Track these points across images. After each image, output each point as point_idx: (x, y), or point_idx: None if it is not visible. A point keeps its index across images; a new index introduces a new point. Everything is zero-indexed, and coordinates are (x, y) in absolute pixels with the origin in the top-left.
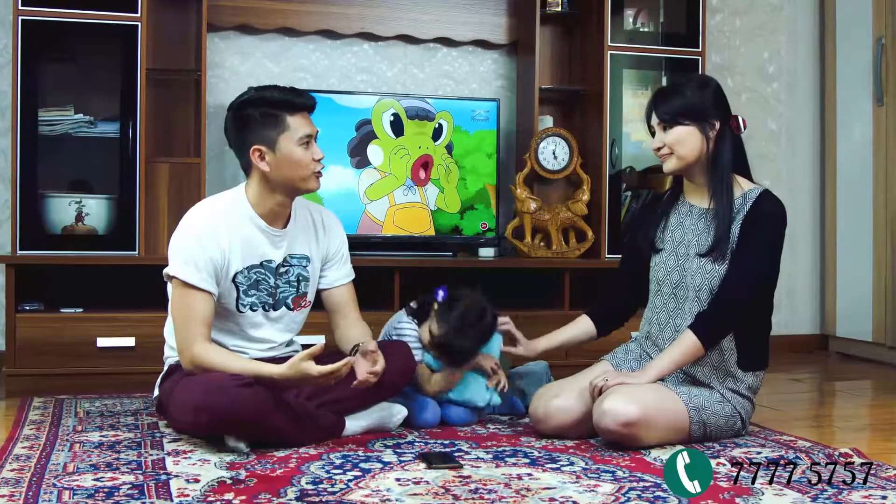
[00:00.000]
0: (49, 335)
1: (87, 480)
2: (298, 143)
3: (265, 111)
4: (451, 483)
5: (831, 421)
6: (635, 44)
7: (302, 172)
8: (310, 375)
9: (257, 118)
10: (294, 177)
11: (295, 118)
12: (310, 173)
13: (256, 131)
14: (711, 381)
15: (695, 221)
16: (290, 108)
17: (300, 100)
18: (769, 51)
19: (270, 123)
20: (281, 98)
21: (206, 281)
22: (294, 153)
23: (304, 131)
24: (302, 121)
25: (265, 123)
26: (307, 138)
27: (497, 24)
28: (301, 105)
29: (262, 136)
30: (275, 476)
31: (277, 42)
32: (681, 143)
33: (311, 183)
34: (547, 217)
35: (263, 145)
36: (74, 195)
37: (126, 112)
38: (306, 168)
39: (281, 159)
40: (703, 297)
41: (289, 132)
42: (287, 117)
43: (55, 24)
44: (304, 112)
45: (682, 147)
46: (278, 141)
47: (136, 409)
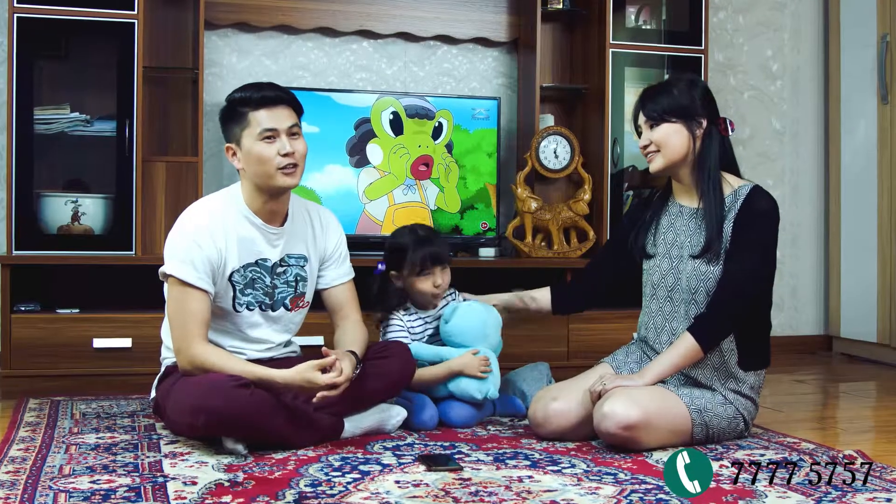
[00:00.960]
0: (45, 336)
1: (84, 483)
2: (259, 139)
3: (232, 108)
4: (451, 485)
5: (835, 423)
6: (637, 41)
7: (266, 168)
8: (316, 385)
9: (228, 116)
10: (260, 172)
11: (257, 113)
12: (274, 169)
13: (227, 130)
14: (713, 383)
15: (686, 222)
16: (251, 103)
17: (259, 94)
18: (772, 48)
19: (235, 121)
20: (242, 95)
21: (203, 280)
22: (253, 149)
23: (265, 125)
24: (266, 115)
25: (233, 121)
26: (269, 132)
27: (498, 21)
28: (261, 100)
29: (231, 134)
30: (273, 478)
31: (275, 40)
32: (667, 140)
33: (279, 179)
34: (548, 217)
35: (233, 143)
36: (70, 194)
37: (123, 110)
38: (269, 164)
39: (246, 156)
40: (699, 300)
41: (249, 128)
42: (249, 113)
43: (51, 22)
44: (271, 106)
45: (668, 145)
46: (242, 137)
47: (132, 411)
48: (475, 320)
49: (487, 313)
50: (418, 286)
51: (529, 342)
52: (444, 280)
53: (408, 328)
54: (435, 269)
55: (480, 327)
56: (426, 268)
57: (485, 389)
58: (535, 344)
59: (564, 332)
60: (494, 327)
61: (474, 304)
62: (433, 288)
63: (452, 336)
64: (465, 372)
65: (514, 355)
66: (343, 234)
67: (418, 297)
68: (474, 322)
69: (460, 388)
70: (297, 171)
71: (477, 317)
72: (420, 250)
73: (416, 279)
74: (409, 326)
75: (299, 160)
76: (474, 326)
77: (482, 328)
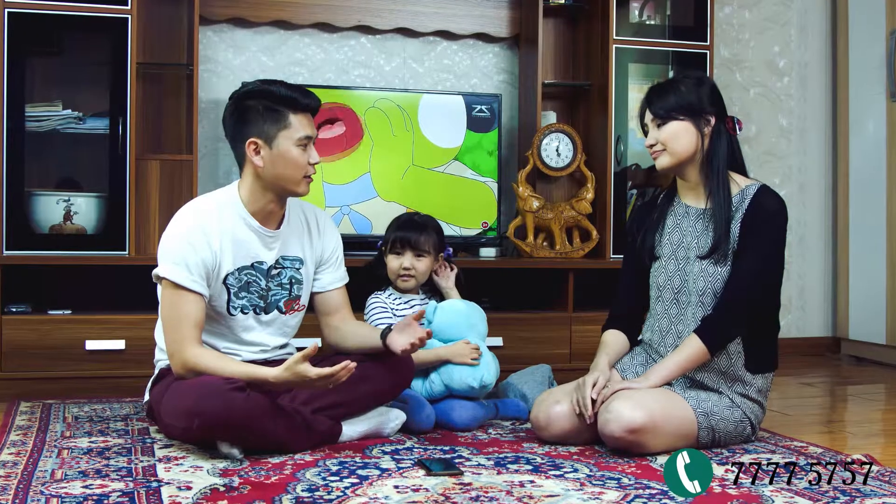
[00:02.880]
0: (36, 338)
1: (76, 488)
2: (296, 143)
3: (268, 105)
4: (451, 490)
5: (843, 426)
6: (641, 37)
7: (295, 174)
8: (307, 378)
9: (259, 111)
10: (285, 176)
11: (298, 117)
12: (301, 176)
13: (256, 124)
14: (720, 386)
15: (692, 223)
16: (294, 106)
17: (306, 100)
18: (779, 44)
19: (271, 118)
20: (287, 94)
21: (197, 283)
22: (290, 152)
23: (305, 132)
24: (305, 121)
25: (266, 117)
26: (306, 140)
27: (499, 16)
28: (306, 105)
29: (260, 129)
30: (269, 483)
31: (272, 35)
32: (675, 139)
33: (302, 186)
34: (550, 216)
35: (260, 139)
36: (62, 193)
37: (116, 107)
38: (300, 170)
39: (276, 156)
40: (706, 302)
41: (289, 130)
42: (290, 115)
43: (43, 17)
44: (308, 113)
45: (676, 143)
46: (277, 137)
47: (126, 414)
48: (458, 313)
49: (468, 306)
50: (390, 263)
51: (531, 344)
52: (415, 266)
53: (390, 308)
54: (406, 252)
55: (465, 318)
56: (396, 247)
57: (478, 376)
58: (536, 346)
59: (566, 334)
60: (479, 318)
61: (453, 300)
62: (399, 268)
63: (440, 333)
64: (456, 360)
65: (515, 358)
66: (339, 237)
67: (389, 274)
68: (458, 315)
69: (455, 380)
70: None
71: (459, 310)
72: (400, 230)
73: (389, 256)
74: (392, 308)
75: None
76: (459, 318)
77: (467, 318)
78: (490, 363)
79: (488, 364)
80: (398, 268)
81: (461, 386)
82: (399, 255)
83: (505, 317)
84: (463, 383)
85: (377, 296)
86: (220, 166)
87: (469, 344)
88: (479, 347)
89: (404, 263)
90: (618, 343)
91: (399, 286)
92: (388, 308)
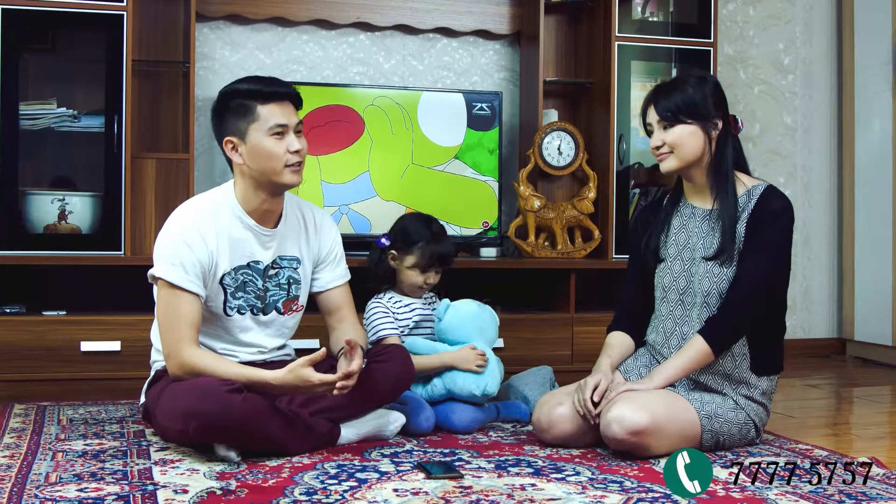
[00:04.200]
0: (30, 339)
1: (71, 491)
2: (268, 134)
3: (238, 102)
4: (451, 494)
5: (849, 429)
6: (644, 34)
7: (274, 165)
8: (310, 383)
9: (231, 109)
10: (266, 169)
11: (267, 108)
12: (282, 166)
13: (229, 123)
14: (724, 388)
15: (698, 224)
16: (260, 97)
17: (270, 88)
18: (784, 41)
19: (241, 114)
20: (250, 88)
21: (194, 283)
22: (262, 143)
23: (276, 121)
24: (276, 110)
25: (237, 114)
26: (280, 128)
27: (499, 13)
28: (272, 94)
29: (234, 127)
30: (267, 486)
31: (269, 32)
32: (683, 142)
33: (286, 176)
34: (551, 215)
35: (235, 136)
36: (57, 192)
37: (111, 105)
38: (277, 160)
39: (251, 150)
40: (711, 303)
41: (258, 122)
42: (258, 107)
43: (37, 14)
44: (280, 102)
45: (683, 147)
46: (248, 131)
47: (121, 417)
48: (469, 315)
49: (481, 308)
50: (412, 277)
51: (532, 345)
52: (435, 280)
53: (392, 313)
54: (434, 269)
55: (475, 322)
56: (432, 266)
57: (482, 384)
58: (538, 347)
59: (568, 336)
60: (490, 322)
61: (467, 300)
62: (424, 284)
63: (447, 333)
64: (461, 366)
65: (516, 359)
66: (338, 234)
67: (405, 284)
68: (469, 317)
69: (458, 386)
70: (301, 168)
71: (471, 312)
72: (432, 247)
73: (416, 272)
74: (393, 312)
75: (304, 158)
76: (469, 321)
77: (477, 322)
78: (495, 371)
79: (493, 372)
80: (423, 283)
81: (463, 393)
82: (426, 272)
83: (506, 318)
84: (465, 390)
85: (378, 299)
86: (217, 165)
87: (475, 349)
88: (486, 354)
89: (430, 279)
90: (622, 345)
91: (414, 295)
92: (390, 312)
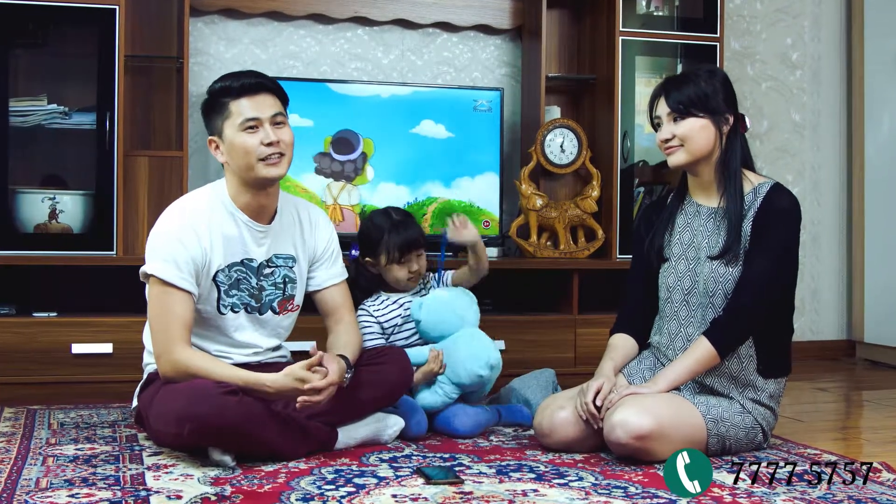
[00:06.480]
0: (20, 341)
1: (62, 497)
2: (241, 129)
3: (214, 101)
4: (451, 499)
5: (858, 433)
6: (649, 29)
7: (247, 159)
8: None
9: (211, 108)
10: (243, 164)
11: (238, 102)
12: (256, 160)
13: (210, 122)
14: (730, 391)
15: (703, 222)
16: (230, 93)
17: (239, 82)
18: (792, 36)
19: (216, 113)
20: (222, 85)
21: (187, 280)
22: (235, 139)
23: (247, 115)
24: (248, 104)
25: (215, 112)
26: (252, 122)
27: (501, 7)
28: (241, 88)
29: (213, 126)
30: (262, 492)
31: (265, 27)
32: (693, 136)
33: (261, 170)
34: (554, 214)
35: (214, 135)
36: (48, 191)
37: (103, 102)
38: (250, 154)
39: (228, 147)
40: (717, 303)
41: (231, 118)
42: (230, 103)
43: (27, 8)
44: (252, 95)
45: (694, 141)
46: (224, 129)
47: (113, 421)
48: (444, 306)
49: (452, 294)
50: (395, 273)
51: (534, 348)
52: (420, 265)
53: (377, 319)
54: (412, 256)
55: (452, 310)
56: (404, 255)
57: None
58: (540, 350)
59: (571, 337)
60: (468, 303)
61: (437, 291)
62: (409, 274)
63: (430, 332)
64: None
65: (518, 362)
66: (334, 232)
67: (393, 282)
68: (444, 308)
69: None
70: (284, 160)
71: (445, 303)
72: (396, 237)
73: (393, 266)
74: (378, 317)
75: (285, 149)
76: (446, 313)
77: (453, 310)
78: (487, 344)
79: (486, 346)
80: (407, 274)
81: (472, 380)
82: (405, 262)
83: (507, 319)
84: (473, 375)
85: (363, 307)
86: (211, 163)
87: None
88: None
89: (412, 268)
90: (625, 347)
91: (406, 288)
92: (374, 320)
